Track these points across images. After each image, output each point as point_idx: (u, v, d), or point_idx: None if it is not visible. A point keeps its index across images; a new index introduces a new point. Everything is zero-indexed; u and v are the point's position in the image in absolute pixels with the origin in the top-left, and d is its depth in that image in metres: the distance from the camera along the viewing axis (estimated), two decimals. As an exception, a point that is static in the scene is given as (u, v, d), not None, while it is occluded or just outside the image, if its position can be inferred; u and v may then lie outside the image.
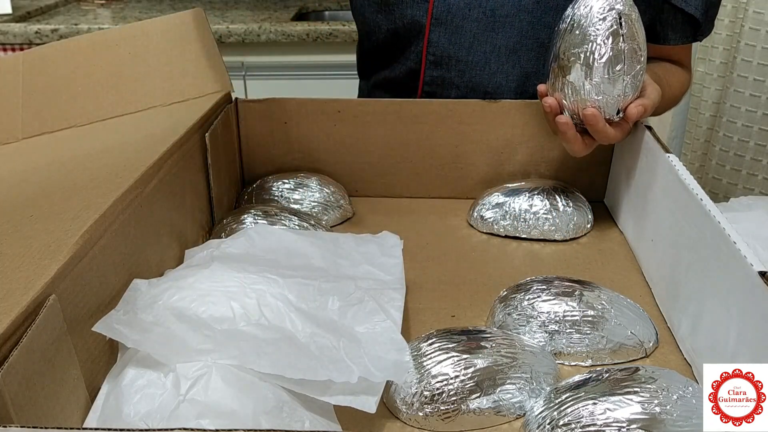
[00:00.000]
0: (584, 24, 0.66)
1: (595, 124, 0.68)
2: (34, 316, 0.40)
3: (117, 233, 0.52)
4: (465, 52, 0.85)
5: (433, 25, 0.84)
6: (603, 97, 0.67)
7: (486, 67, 0.85)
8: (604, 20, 0.65)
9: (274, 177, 0.82)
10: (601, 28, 0.65)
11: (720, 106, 1.52)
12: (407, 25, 0.86)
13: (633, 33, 0.66)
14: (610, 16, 0.65)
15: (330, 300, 0.54)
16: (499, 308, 0.59)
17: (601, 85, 0.67)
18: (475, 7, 0.82)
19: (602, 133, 0.69)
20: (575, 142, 0.71)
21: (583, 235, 0.78)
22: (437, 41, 0.85)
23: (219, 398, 0.43)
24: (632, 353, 0.57)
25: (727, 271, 0.50)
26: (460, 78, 0.86)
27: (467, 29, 0.83)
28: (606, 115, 0.69)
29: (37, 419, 0.39)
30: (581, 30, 0.66)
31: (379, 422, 0.50)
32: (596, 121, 0.68)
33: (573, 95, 0.68)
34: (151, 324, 0.48)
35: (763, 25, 1.39)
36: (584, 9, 0.66)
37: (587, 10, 0.66)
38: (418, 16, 0.85)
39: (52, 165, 0.64)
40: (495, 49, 0.84)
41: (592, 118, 0.68)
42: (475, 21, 0.83)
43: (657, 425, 0.43)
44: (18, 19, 1.75)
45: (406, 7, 0.85)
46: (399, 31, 0.87)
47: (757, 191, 1.48)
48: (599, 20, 0.65)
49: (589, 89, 0.67)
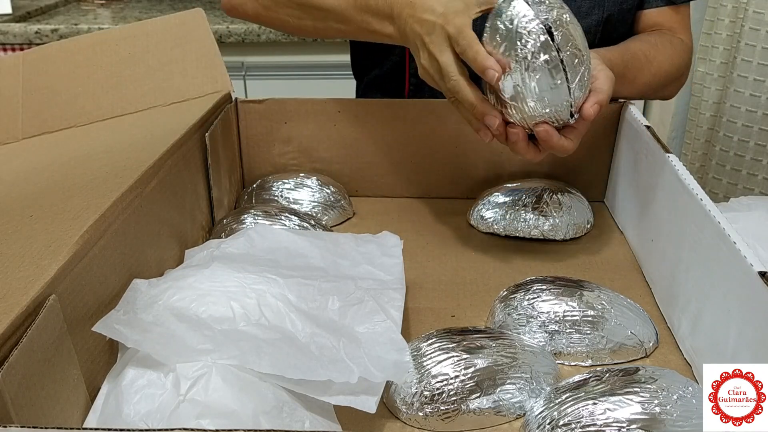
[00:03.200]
0: (512, 42, 0.60)
1: (549, 140, 0.64)
2: (34, 316, 0.40)
3: (117, 233, 0.52)
4: None
5: None
6: (551, 109, 0.62)
7: None
8: (529, 35, 0.59)
9: (274, 177, 0.82)
10: (529, 45, 0.59)
11: (720, 106, 1.52)
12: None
13: (567, 37, 0.60)
14: (535, 30, 0.59)
15: (330, 300, 0.54)
16: (499, 308, 0.59)
17: (545, 98, 0.61)
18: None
19: (557, 148, 0.65)
20: (527, 153, 0.66)
21: (583, 235, 0.77)
22: None
23: (219, 398, 0.43)
24: (632, 353, 0.57)
25: (727, 271, 0.50)
26: None
27: None
28: (559, 123, 0.63)
29: (37, 419, 0.39)
30: (510, 51, 0.60)
31: (379, 422, 0.50)
32: (549, 137, 0.63)
33: (519, 114, 0.63)
34: (151, 324, 0.48)
35: (763, 25, 1.39)
36: (508, 25, 0.60)
37: (511, 27, 0.60)
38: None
39: (52, 165, 0.64)
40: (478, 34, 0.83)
41: (545, 134, 0.63)
42: None
43: (657, 425, 0.43)
44: (18, 19, 1.75)
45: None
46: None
47: (757, 191, 1.48)
48: (525, 36, 0.60)
49: (533, 106, 0.61)
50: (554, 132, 0.64)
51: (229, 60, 0.86)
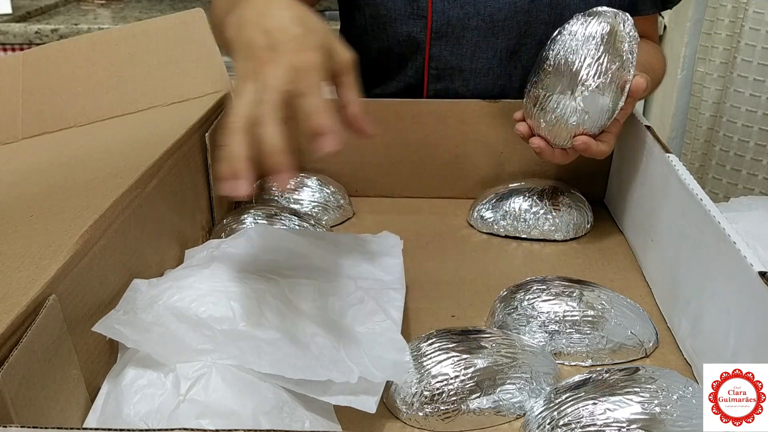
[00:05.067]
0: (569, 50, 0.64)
1: (587, 150, 0.67)
2: (34, 316, 0.40)
3: (117, 233, 0.52)
4: (468, 61, 0.84)
5: (433, 39, 0.83)
6: (590, 120, 0.65)
7: (490, 73, 0.85)
8: (589, 42, 0.63)
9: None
10: (587, 52, 0.63)
11: (720, 106, 1.52)
12: (403, 42, 0.85)
13: (619, 49, 0.63)
14: (595, 38, 0.63)
15: (330, 300, 0.54)
16: (499, 308, 0.59)
17: (589, 110, 0.64)
18: (473, 16, 0.82)
19: (597, 154, 0.68)
20: (554, 157, 0.70)
21: (583, 235, 0.78)
22: (439, 55, 0.84)
23: (219, 398, 0.43)
24: (632, 353, 0.57)
25: (727, 271, 0.50)
26: (465, 87, 0.86)
27: (468, 38, 0.83)
28: (596, 130, 0.67)
29: (37, 419, 0.39)
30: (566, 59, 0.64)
31: (379, 422, 0.50)
32: (587, 147, 0.66)
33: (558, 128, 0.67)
34: (151, 324, 0.48)
35: (763, 25, 1.39)
36: (568, 36, 0.64)
37: (570, 37, 0.64)
38: (415, 32, 0.83)
39: (52, 165, 0.64)
40: (497, 54, 0.84)
41: (583, 146, 0.66)
42: (475, 29, 0.82)
43: (657, 425, 0.43)
44: (18, 19, 1.75)
45: (401, 24, 0.84)
46: (393, 49, 0.86)
47: (757, 191, 1.48)
48: (583, 44, 0.63)
49: (577, 119, 0.65)
50: (593, 142, 0.66)
51: (229, 60, 0.86)
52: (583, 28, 0.64)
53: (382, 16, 0.84)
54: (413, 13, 0.83)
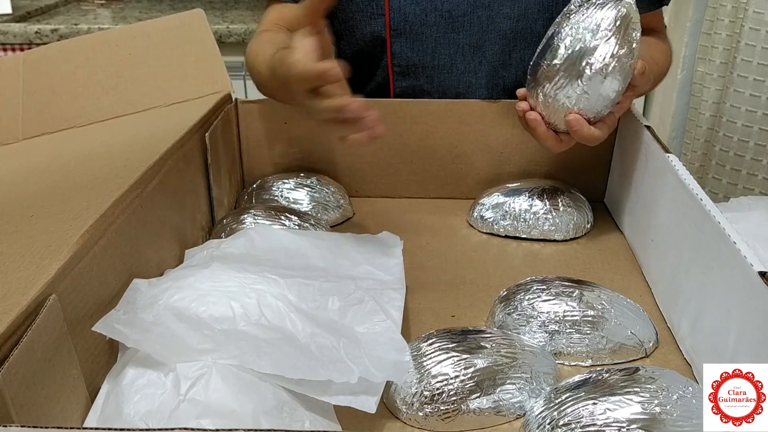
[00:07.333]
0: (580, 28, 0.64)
1: (579, 130, 0.66)
2: (34, 316, 0.40)
3: (117, 233, 0.52)
4: (429, 58, 0.84)
5: (393, 37, 0.84)
6: (588, 102, 0.65)
7: (453, 69, 0.85)
8: (604, 22, 0.63)
9: (274, 177, 0.82)
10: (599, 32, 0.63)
11: (720, 106, 1.52)
12: (369, 43, 0.86)
13: (629, 35, 0.64)
14: (611, 20, 0.63)
15: (330, 300, 0.54)
16: (499, 308, 0.59)
17: (589, 91, 0.64)
18: (431, 12, 0.82)
19: (588, 138, 0.67)
20: (547, 139, 0.69)
21: (583, 235, 0.78)
22: (400, 52, 0.85)
23: (219, 398, 0.43)
24: (632, 353, 0.57)
25: (727, 271, 0.50)
26: (430, 83, 0.86)
27: (427, 35, 0.83)
28: (591, 115, 0.67)
29: (37, 419, 0.39)
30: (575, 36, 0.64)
31: (379, 422, 0.50)
32: (579, 126, 0.66)
33: (555, 103, 0.66)
34: (151, 324, 0.48)
35: (763, 25, 1.39)
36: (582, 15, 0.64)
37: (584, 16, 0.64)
38: (377, 30, 0.84)
39: (52, 165, 0.65)
40: (459, 49, 0.84)
41: (576, 124, 0.66)
42: (434, 25, 0.83)
43: (657, 425, 0.43)
44: (18, 19, 1.75)
45: (365, 25, 0.84)
46: (362, 50, 0.87)
47: (757, 191, 1.48)
48: (598, 24, 0.64)
49: (576, 98, 0.65)
50: (584, 122, 0.66)
51: (229, 60, 0.86)
52: (600, 8, 0.64)
53: (349, 19, 0.85)
54: (373, 12, 0.83)
